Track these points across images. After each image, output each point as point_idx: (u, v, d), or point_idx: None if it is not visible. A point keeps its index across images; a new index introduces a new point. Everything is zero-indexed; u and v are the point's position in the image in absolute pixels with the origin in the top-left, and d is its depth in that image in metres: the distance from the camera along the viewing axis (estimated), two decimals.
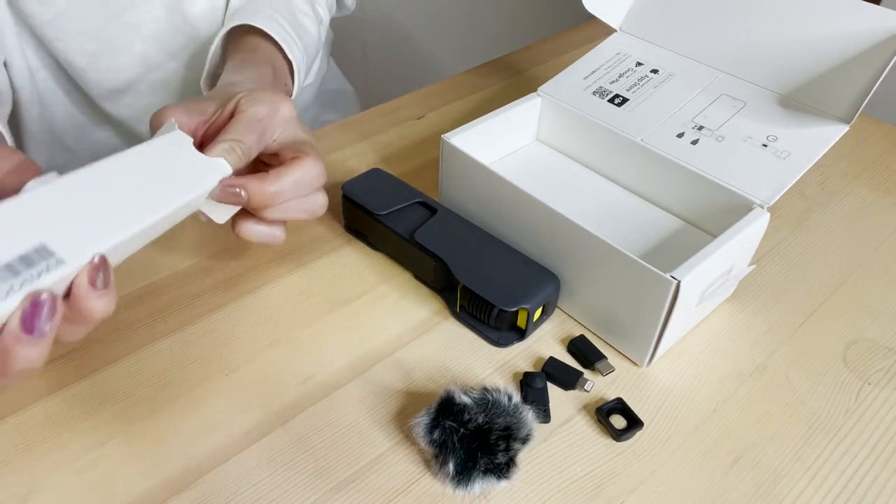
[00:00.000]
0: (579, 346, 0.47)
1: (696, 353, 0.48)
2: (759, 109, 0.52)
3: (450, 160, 0.54)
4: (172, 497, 0.39)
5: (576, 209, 0.46)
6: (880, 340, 0.50)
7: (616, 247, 0.44)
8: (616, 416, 0.44)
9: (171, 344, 0.47)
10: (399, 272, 0.53)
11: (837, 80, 0.50)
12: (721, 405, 0.45)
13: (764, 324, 0.51)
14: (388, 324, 0.49)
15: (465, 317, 0.49)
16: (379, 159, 0.65)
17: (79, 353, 0.46)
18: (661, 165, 0.52)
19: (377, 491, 0.40)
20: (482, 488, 0.39)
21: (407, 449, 0.42)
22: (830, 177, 0.65)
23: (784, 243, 0.58)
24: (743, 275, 0.50)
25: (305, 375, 0.46)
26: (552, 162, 0.60)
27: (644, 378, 0.46)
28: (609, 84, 0.58)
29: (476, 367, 0.47)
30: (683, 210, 0.54)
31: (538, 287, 0.47)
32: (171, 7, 0.60)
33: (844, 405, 0.45)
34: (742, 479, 0.41)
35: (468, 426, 0.39)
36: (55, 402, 0.43)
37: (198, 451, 0.41)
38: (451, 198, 0.56)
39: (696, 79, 0.56)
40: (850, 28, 0.49)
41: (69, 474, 0.40)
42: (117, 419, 0.42)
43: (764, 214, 0.47)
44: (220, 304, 0.50)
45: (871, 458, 0.42)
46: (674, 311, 0.43)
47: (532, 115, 0.60)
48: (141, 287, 0.51)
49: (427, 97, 0.74)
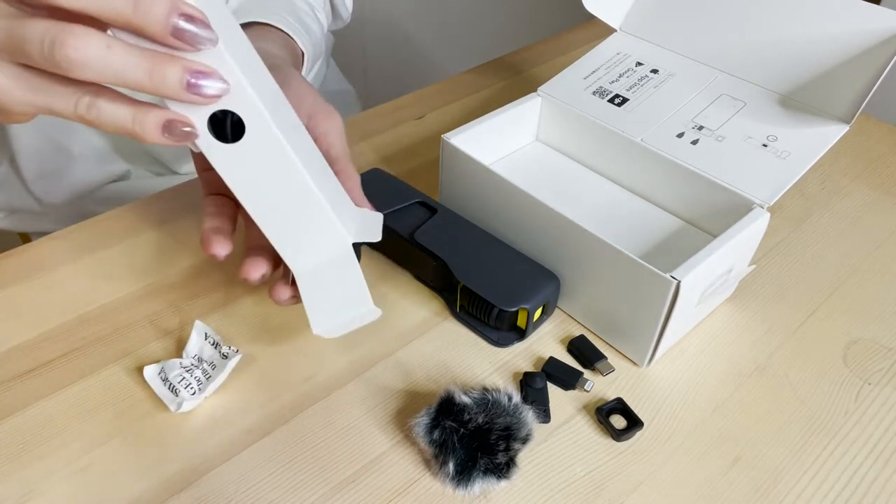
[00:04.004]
0: (579, 346, 0.47)
1: (696, 353, 0.48)
2: (759, 109, 0.52)
3: (450, 160, 0.54)
4: (172, 497, 0.39)
5: (576, 209, 0.46)
6: (880, 340, 0.50)
7: (616, 247, 0.44)
8: (616, 416, 0.44)
9: (172, 344, 0.47)
10: (399, 272, 0.53)
11: (837, 80, 0.50)
12: (721, 405, 0.45)
13: (764, 324, 0.51)
14: (387, 324, 0.49)
15: (465, 317, 0.49)
16: (379, 159, 0.65)
17: (79, 353, 0.46)
18: (661, 165, 0.52)
19: (377, 491, 0.40)
20: (482, 488, 0.39)
21: (407, 449, 0.42)
22: (830, 177, 0.65)
23: (784, 243, 0.58)
24: (743, 275, 0.50)
25: (305, 375, 0.46)
26: (552, 162, 0.60)
27: (644, 378, 0.46)
28: (609, 84, 0.58)
29: (476, 367, 0.47)
30: (683, 210, 0.54)
31: (538, 287, 0.47)
32: None
33: (844, 405, 0.45)
34: (742, 478, 0.41)
35: (468, 426, 0.39)
36: (55, 402, 0.43)
37: (198, 451, 0.41)
38: (451, 198, 0.56)
39: (696, 79, 0.56)
40: (850, 28, 0.49)
41: (69, 474, 0.40)
42: (117, 419, 0.42)
43: (764, 214, 0.47)
44: (220, 304, 0.50)
45: (871, 458, 0.42)
46: (674, 311, 0.43)
47: (532, 115, 0.60)
48: (141, 287, 0.51)
49: (427, 97, 0.74)
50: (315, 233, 0.35)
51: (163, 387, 0.43)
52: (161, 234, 0.55)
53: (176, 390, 0.43)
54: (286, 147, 0.32)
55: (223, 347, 0.45)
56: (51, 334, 0.47)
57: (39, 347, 0.46)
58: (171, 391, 0.43)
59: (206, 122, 0.31)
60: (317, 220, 0.35)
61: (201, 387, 0.43)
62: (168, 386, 0.43)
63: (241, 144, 0.32)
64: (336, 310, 0.36)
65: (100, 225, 0.56)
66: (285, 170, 0.33)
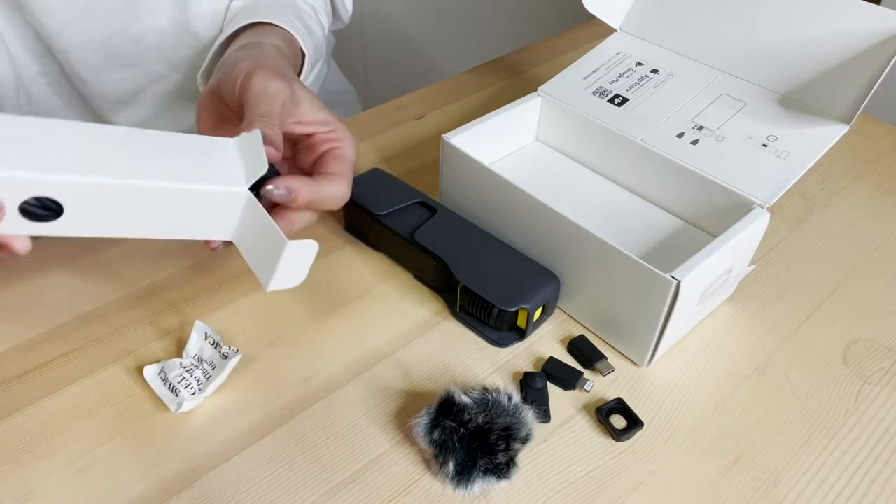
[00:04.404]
0: (579, 346, 0.47)
1: (696, 353, 0.48)
2: (759, 109, 0.52)
3: (450, 160, 0.54)
4: (172, 497, 0.39)
5: (576, 209, 0.46)
6: (880, 340, 0.50)
7: (616, 247, 0.44)
8: (616, 416, 0.44)
9: (172, 344, 0.47)
10: (399, 272, 0.53)
11: (837, 80, 0.50)
12: (721, 405, 0.45)
13: (764, 324, 0.51)
14: (388, 324, 0.49)
15: (465, 317, 0.49)
16: (379, 159, 0.65)
17: (79, 353, 0.46)
18: (661, 165, 0.52)
19: (377, 491, 0.40)
20: (482, 488, 0.39)
21: (407, 449, 0.42)
22: (830, 177, 0.65)
23: (784, 243, 0.58)
24: (743, 275, 0.50)
25: (305, 375, 0.46)
26: (552, 162, 0.60)
27: (644, 378, 0.46)
28: (609, 84, 0.58)
29: (476, 367, 0.47)
30: (683, 210, 0.54)
31: (538, 287, 0.47)
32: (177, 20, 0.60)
33: (844, 405, 0.45)
34: (742, 479, 0.41)
35: (468, 426, 0.39)
36: (55, 402, 0.43)
37: (198, 451, 0.41)
38: (451, 198, 0.56)
39: (696, 79, 0.56)
40: (850, 28, 0.49)
41: (69, 474, 0.40)
42: (117, 419, 0.42)
43: (764, 214, 0.47)
44: (220, 304, 0.50)
45: (871, 458, 0.42)
46: (674, 311, 0.43)
47: (532, 115, 0.60)
48: (141, 287, 0.51)
49: (427, 97, 0.74)
50: (212, 209, 0.37)
51: (163, 387, 0.43)
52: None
53: (176, 390, 0.43)
54: (118, 182, 0.33)
55: (223, 347, 0.45)
56: (51, 334, 0.47)
57: (39, 347, 0.46)
58: (171, 391, 0.43)
59: (16, 211, 0.32)
60: (206, 202, 0.36)
61: (201, 387, 0.43)
62: (168, 386, 0.43)
63: (70, 210, 0.33)
64: (272, 258, 0.37)
65: None
66: (137, 193, 0.34)
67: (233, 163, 0.38)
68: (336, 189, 0.43)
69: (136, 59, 0.61)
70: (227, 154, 0.38)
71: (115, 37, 0.59)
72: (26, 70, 0.60)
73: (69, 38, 0.57)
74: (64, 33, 0.57)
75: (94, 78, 0.61)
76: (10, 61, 0.58)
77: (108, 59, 0.60)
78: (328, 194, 0.43)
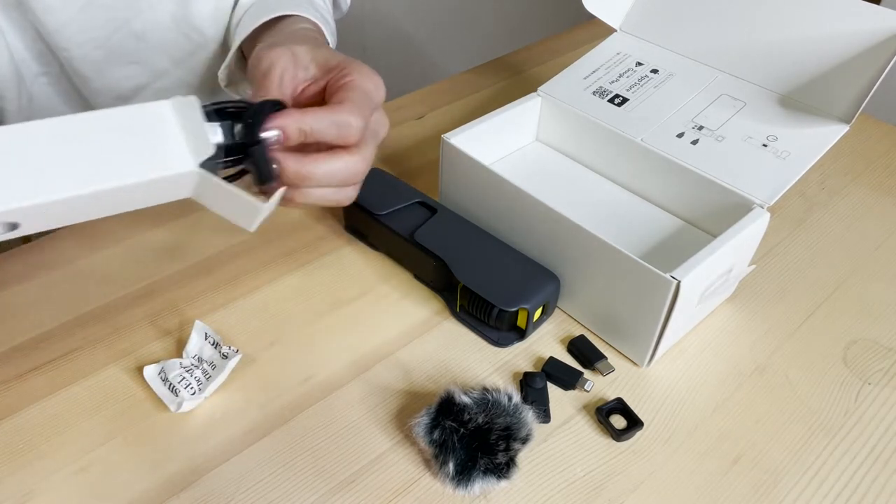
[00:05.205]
0: (579, 346, 0.47)
1: (696, 353, 0.48)
2: (759, 109, 0.52)
3: (450, 160, 0.54)
4: (172, 497, 0.39)
5: (576, 209, 0.46)
6: (880, 340, 0.50)
7: (616, 247, 0.44)
8: (616, 416, 0.44)
9: (172, 344, 0.47)
10: (399, 272, 0.53)
11: (837, 80, 0.50)
12: (721, 405, 0.45)
13: (764, 324, 0.51)
14: (388, 324, 0.49)
15: (465, 317, 0.49)
16: (379, 159, 0.65)
17: (79, 353, 0.46)
18: (661, 165, 0.52)
19: (377, 491, 0.40)
20: (482, 488, 0.39)
21: (407, 449, 0.42)
22: (830, 177, 0.65)
23: (784, 243, 0.58)
24: (743, 275, 0.50)
25: (305, 375, 0.46)
26: (552, 162, 0.60)
27: (644, 378, 0.46)
28: (609, 84, 0.58)
29: (476, 367, 0.47)
30: (683, 210, 0.54)
31: (538, 287, 0.47)
32: (178, 15, 0.60)
33: (844, 405, 0.45)
34: (742, 479, 0.41)
35: (468, 426, 0.39)
36: (55, 402, 0.43)
37: (198, 451, 0.41)
38: (451, 198, 0.56)
39: (696, 79, 0.56)
40: (850, 28, 0.49)
41: (69, 474, 0.40)
42: (117, 419, 0.42)
43: (764, 214, 0.47)
44: (220, 304, 0.50)
45: (871, 458, 0.42)
46: (674, 311, 0.43)
47: (532, 115, 0.60)
48: (141, 287, 0.51)
49: (427, 97, 0.74)
50: (165, 188, 0.37)
51: (163, 387, 0.43)
52: (161, 233, 0.55)
53: (176, 390, 0.43)
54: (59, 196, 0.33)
55: (223, 347, 0.45)
56: (51, 334, 0.47)
57: (39, 347, 0.46)
58: (171, 391, 0.43)
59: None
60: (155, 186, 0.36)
61: (201, 387, 0.43)
62: (168, 386, 0.43)
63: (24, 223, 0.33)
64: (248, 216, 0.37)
65: (100, 225, 0.56)
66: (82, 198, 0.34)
67: (174, 136, 0.36)
68: (342, 117, 0.38)
69: (137, 56, 0.61)
70: (167, 124, 0.36)
71: (116, 33, 0.59)
72: (27, 69, 0.60)
73: (70, 36, 0.57)
74: (64, 31, 0.57)
75: (95, 75, 0.61)
76: (11, 60, 0.58)
77: (110, 55, 0.60)
78: (329, 120, 0.37)
